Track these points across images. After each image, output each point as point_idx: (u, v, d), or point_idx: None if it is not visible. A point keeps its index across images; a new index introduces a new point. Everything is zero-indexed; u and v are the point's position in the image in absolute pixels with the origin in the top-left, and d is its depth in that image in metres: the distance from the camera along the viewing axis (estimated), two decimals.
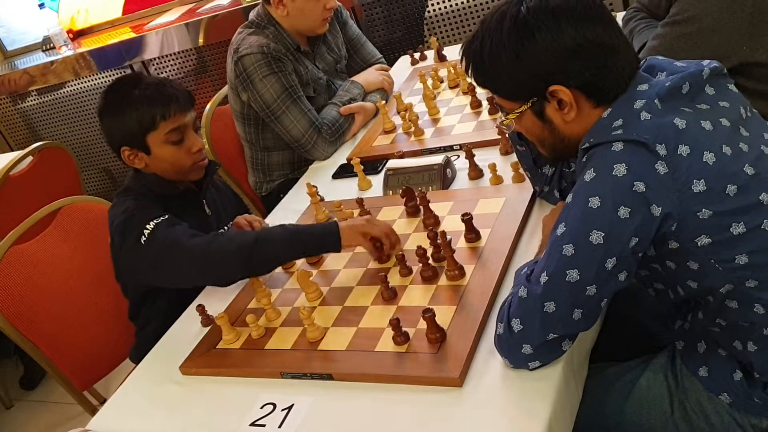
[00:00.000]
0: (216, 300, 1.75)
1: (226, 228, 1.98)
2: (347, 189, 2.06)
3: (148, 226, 1.67)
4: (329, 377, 1.39)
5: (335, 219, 1.79)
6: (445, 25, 3.35)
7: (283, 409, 1.36)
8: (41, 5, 4.31)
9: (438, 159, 1.88)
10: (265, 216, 2.15)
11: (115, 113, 1.80)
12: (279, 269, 1.75)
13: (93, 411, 2.04)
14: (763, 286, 1.19)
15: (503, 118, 1.35)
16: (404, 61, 2.87)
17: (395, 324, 1.36)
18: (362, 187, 2.02)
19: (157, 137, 1.78)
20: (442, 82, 2.45)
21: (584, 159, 1.22)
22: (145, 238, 1.66)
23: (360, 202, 1.83)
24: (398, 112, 2.32)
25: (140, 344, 1.94)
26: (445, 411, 1.24)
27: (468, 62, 1.31)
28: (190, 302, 1.80)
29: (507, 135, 1.80)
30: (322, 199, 1.97)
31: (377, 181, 2.01)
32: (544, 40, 1.19)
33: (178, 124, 1.79)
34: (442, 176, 1.86)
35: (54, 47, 4.28)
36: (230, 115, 2.56)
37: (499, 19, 1.24)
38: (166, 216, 1.70)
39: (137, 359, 1.68)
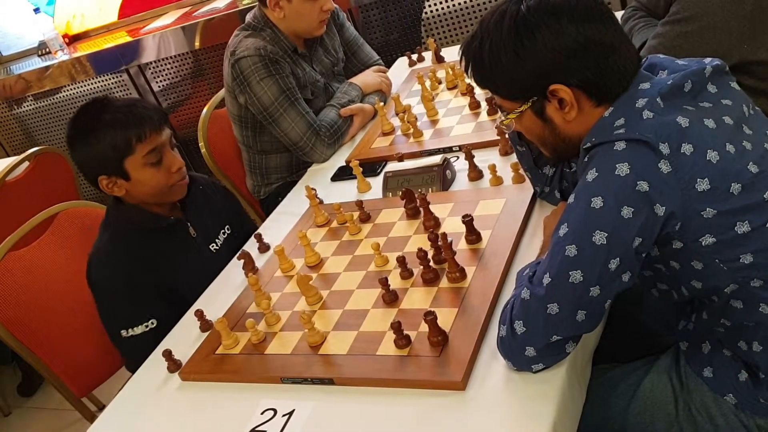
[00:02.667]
0: (215, 305, 1.74)
1: (217, 241, 1.95)
2: (346, 191, 2.05)
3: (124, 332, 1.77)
4: (330, 382, 1.37)
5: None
6: (442, 26, 3.34)
7: (283, 415, 1.34)
8: (36, 10, 4.29)
9: (437, 160, 1.87)
10: (263, 219, 2.14)
11: (86, 141, 1.74)
12: (278, 272, 1.74)
13: (91, 417, 2.03)
14: None
15: (503, 118, 1.34)
16: (402, 62, 2.86)
17: (396, 327, 1.35)
18: (361, 189, 2.01)
19: (135, 161, 1.73)
20: (440, 83, 2.44)
21: (586, 159, 1.21)
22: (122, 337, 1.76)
23: (359, 204, 1.82)
24: (397, 114, 2.31)
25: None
26: (448, 415, 1.22)
27: (467, 62, 1.30)
28: (179, 316, 1.78)
29: (507, 135, 1.78)
30: (321, 202, 1.96)
31: (376, 183, 2.00)
32: (544, 39, 1.18)
33: (154, 144, 1.75)
34: (442, 177, 1.84)
35: (50, 52, 4.26)
36: (227, 119, 2.55)
37: (498, 18, 1.23)
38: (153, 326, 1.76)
39: (132, 370, 1.67)
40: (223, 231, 2.01)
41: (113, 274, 1.77)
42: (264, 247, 1.89)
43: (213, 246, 1.96)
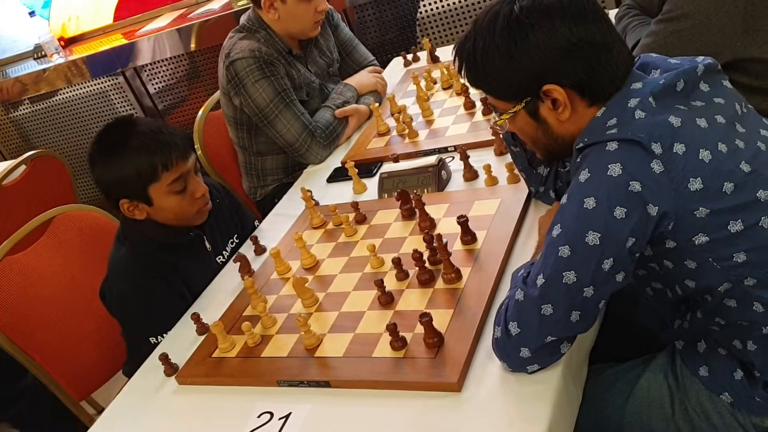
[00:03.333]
0: (211, 308, 1.74)
1: (224, 253, 1.96)
2: (342, 193, 2.05)
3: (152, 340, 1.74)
4: (326, 384, 1.37)
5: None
6: (437, 26, 3.34)
7: (280, 418, 1.34)
8: (32, 13, 4.29)
9: (432, 161, 1.87)
10: (260, 221, 2.14)
11: (110, 164, 1.71)
12: (274, 275, 1.74)
13: (90, 421, 2.03)
14: (762, 284, 1.18)
15: (497, 119, 1.34)
16: (397, 62, 2.86)
17: (392, 329, 1.35)
18: (357, 190, 2.01)
19: (160, 188, 1.71)
20: (435, 83, 2.44)
21: (579, 159, 1.21)
22: (151, 344, 1.73)
23: (355, 205, 1.82)
24: (392, 114, 2.31)
25: (131, 360, 1.92)
26: (444, 416, 1.22)
27: (461, 63, 1.30)
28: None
29: (501, 135, 1.78)
30: (316, 204, 1.96)
31: (372, 184, 2.00)
32: (537, 40, 1.18)
33: (180, 172, 1.72)
34: (437, 178, 1.84)
35: (45, 55, 4.26)
36: (223, 121, 2.55)
37: (491, 18, 1.23)
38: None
39: (129, 375, 1.67)
40: (231, 240, 2.01)
41: (136, 286, 1.76)
42: (260, 250, 1.89)
43: (220, 258, 1.95)
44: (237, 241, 2.03)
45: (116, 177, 1.71)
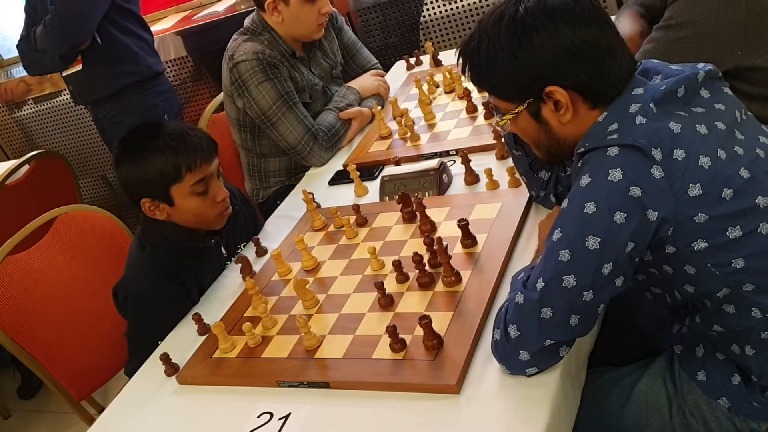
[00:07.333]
0: (212, 308, 1.75)
1: (233, 259, 1.97)
2: (344, 195, 2.06)
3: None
4: (326, 385, 1.38)
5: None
6: (440, 30, 3.35)
7: (280, 418, 1.35)
8: None
9: (434, 164, 1.88)
10: (263, 224, 2.14)
11: (135, 163, 1.73)
12: (275, 276, 1.74)
13: (90, 420, 2.04)
14: (760, 290, 1.18)
15: (499, 119, 1.35)
16: (400, 66, 2.87)
17: (392, 331, 1.36)
18: (358, 193, 2.02)
19: (182, 189, 1.73)
20: (437, 87, 2.45)
21: (580, 164, 1.21)
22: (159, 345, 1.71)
23: (356, 208, 1.83)
24: (394, 118, 2.32)
25: (132, 360, 1.92)
26: (443, 418, 1.23)
27: (465, 62, 1.31)
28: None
29: (503, 139, 1.79)
30: (318, 206, 1.97)
31: (374, 187, 2.00)
32: (541, 41, 1.19)
33: (203, 174, 1.75)
34: (439, 182, 1.85)
35: None
36: (226, 122, 2.56)
37: (496, 19, 1.24)
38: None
39: (130, 374, 1.68)
40: (239, 246, 2.02)
41: (155, 287, 1.78)
42: (261, 251, 1.90)
43: (228, 263, 1.96)
44: (245, 245, 2.04)
45: (140, 176, 1.73)
